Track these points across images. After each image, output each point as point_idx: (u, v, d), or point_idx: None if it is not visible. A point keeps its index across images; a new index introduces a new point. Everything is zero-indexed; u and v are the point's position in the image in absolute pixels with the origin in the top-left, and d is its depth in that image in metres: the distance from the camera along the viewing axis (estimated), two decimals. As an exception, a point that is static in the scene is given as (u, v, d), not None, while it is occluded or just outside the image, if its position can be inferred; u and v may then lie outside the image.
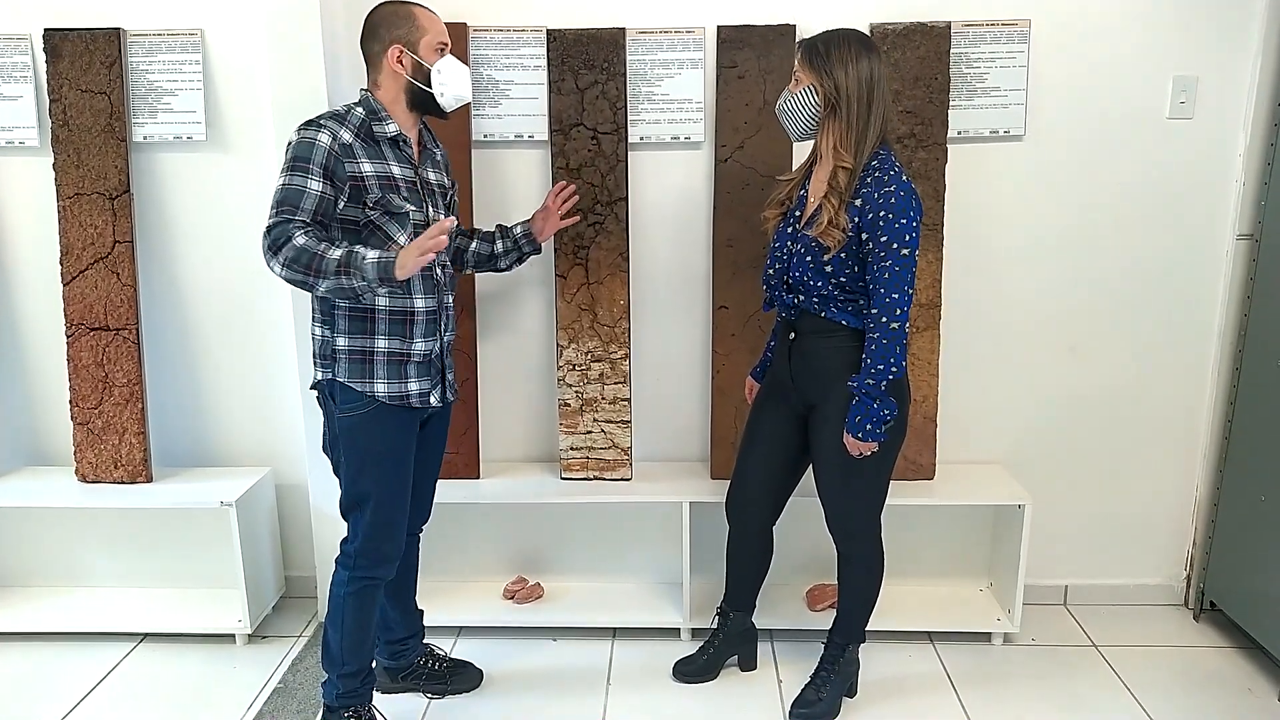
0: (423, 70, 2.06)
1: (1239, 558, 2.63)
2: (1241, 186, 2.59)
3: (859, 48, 2.03)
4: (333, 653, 2.18)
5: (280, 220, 1.92)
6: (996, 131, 2.59)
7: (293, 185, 1.95)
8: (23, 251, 2.73)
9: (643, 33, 2.56)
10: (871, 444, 2.08)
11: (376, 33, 2.06)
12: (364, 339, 2.06)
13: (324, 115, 2.04)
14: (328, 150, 1.96)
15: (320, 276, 1.90)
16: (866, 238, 2.02)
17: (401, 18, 2.05)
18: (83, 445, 2.71)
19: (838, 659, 2.36)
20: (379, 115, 2.06)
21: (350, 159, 1.99)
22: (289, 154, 1.98)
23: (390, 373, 2.08)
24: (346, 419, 2.08)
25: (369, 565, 2.14)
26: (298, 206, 1.94)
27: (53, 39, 2.55)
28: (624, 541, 2.86)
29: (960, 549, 2.84)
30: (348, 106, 2.07)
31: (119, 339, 2.65)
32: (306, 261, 1.89)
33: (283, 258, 1.90)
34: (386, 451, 2.12)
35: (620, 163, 2.58)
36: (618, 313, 2.65)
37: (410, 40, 2.05)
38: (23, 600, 2.83)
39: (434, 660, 2.49)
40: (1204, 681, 2.52)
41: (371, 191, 2.01)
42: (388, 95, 2.07)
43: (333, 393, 2.09)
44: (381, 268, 1.91)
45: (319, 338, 2.10)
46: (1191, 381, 2.75)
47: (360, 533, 2.13)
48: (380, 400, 2.07)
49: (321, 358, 2.10)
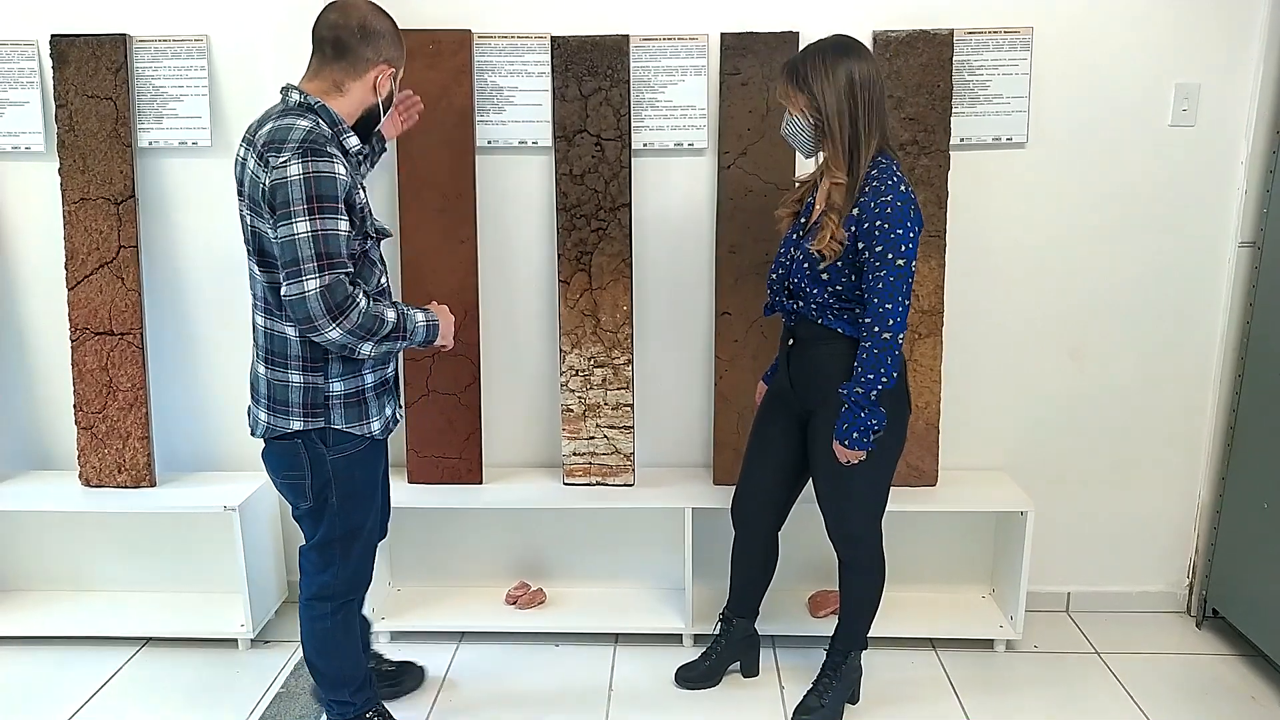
0: (389, 101, 1.97)
1: (1242, 565, 2.63)
2: (1243, 194, 2.60)
3: (834, 58, 2.01)
4: (333, 680, 2.16)
5: (336, 280, 1.75)
6: (999, 139, 2.60)
7: (326, 231, 1.74)
8: (28, 256, 2.74)
9: (646, 40, 2.57)
10: (859, 453, 2.08)
11: (375, 42, 1.88)
12: (356, 379, 1.95)
13: (318, 139, 1.79)
14: (346, 182, 1.80)
15: (372, 340, 1.82)
16: (862, 246, 2.02)
17: (396, 39, 1.93)
18: (86, 450, 2.71)
19: (840, 665, 2.36)
20: (342, 128, 1.87)
21: (355, 188, 1.85)
22: (306, 191, 1.73)
23: (379, 407, 2.01)
24: (340, 460, 1.97)
25: (349, 590, 2.12)
26: (341, 255, 1.76)
27: (59, 45, 2.56)
28: (626, 547, 2.87)
29: (962, 555, 2.84)
30: (313, 119, 1.82)
31: (123, 344, 2.66)
32: (370, 327, 1.79)
33: (349, 324, 1.76)
34: (375, 482, 2.09)
35: (623, 169, 2.59)
36: (620, 318, 2.66)
37: (398, 68, 1.96)
38: (26, 604, 2.83)
39: (380, 662, 2.47)
40: (1206, 689, 2.52)
41: (369, 220, 1.90)
42: (346, 106, 1.89)
43: (323, 439, 1.95)
44: (431, 330, 1.91)
45: (300, 385, 1.91)
46: (1194, 388, 2.75)
47: (339, 565, 2.07)
48: (374, 437, 2.02)
49: (309, 407, 1.92)
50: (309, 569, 2.09)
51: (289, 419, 1.93)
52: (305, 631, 2.13)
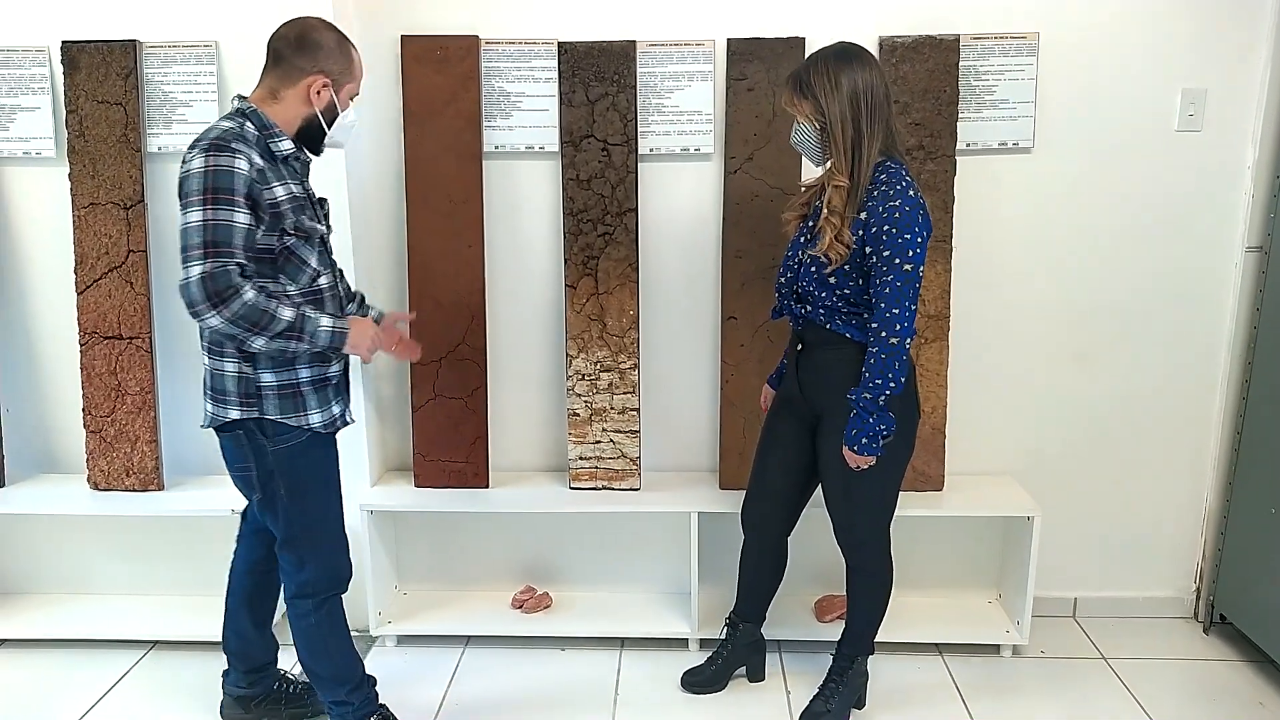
0: (333, 112, 1.99)
1: (1249, 570, 2.62)
2: (1250, 199, 2.59)
3: (837, 65, 2.01)
4: (328, 680, 2.18)
5: (219, 268, 1.80)
6: (1005, 144, 2.60)
7: (219, 221, 1.80)
8: (38, 261, 2.76)
9: (653, 45, 2.58)
10: (868, 458, 2.08)
11: (312, 53, 1.94)
12: (288, 372, 1.98)
13: (227, 136, 1.86)
14: (247, 178, 1.84)
15: (263, 334, 1.86)
16: (870, 251, 2.02)
17: (340, 54, 1.97)
18: (95, 453, 2.72)
19: (846, 670, 2.36)
20: (272, 132, 1.93)
21: (265, 184, 1.88)
22: (203, 183, 1.81)
23: (319, 401, 2.03)
24: (285, 451, 2.01)
25: (329, 585, 2.13)
26: (231, 245, 1.81)
27: (70, 51, 2.58)
28: (632, 551, 2.87)
29: (969, 560, 2.84)
30: (238, 122, 1.91)
31: (132, 348, 2.67)
32: (255, 319, 1.83)
33: (229, 313, 1.81)
34: (327, 475, 2.11)
35: (630, 174, 2.60)
36: (627, 323, 2.66)
37: (338, 80, 1.97)
38: (34, 607, 2.85)
39: (288, 684, 2.42)
40: (1214, 695, 2.51)
41: (287, 217, 1.91)
42: (283, 114, 1.95)
43: (261, 429, 1.99)
44: (336, 336, 1.93)
45: (233, 375, 1.96)
46: (1201, 393, 2.74)
47: (312, 560, 2.09)
48: (314, 430, 2.03)
49: (243, 396, 1.97)
50: (287, 569, 2.13)
51: (227, 408, 1.99)
52: (294, 633, 2.17)
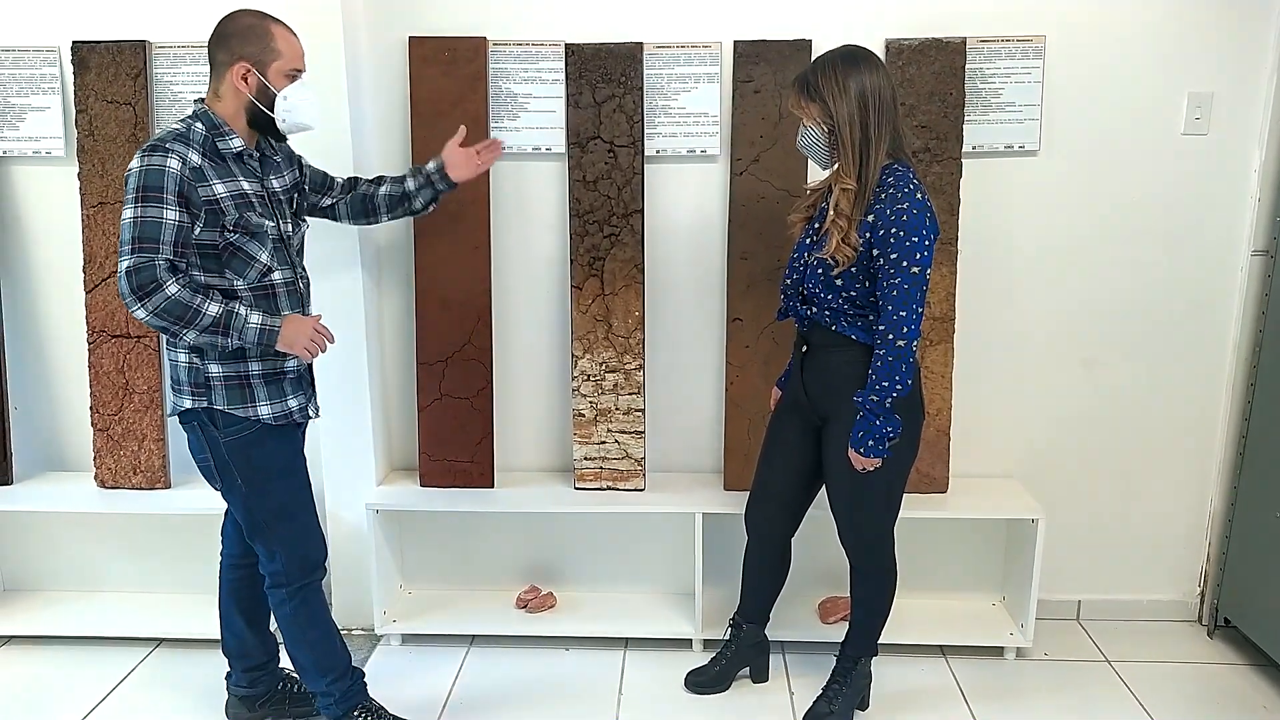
0: (268, 94, 1.98)
1: (1254, 574, 2.62)
2: (1256, 202, 2.59)
3: (846, 69, 2.02)
4: (310, 670, 2.19)
5: (145, 262, 1.84)
6: (1011, 146, 2.60)
7: (148, 218, 1.85)
8: (47, 259, 2.77)
9: (660, 47, 2.58)
10: (875, 460, 2.08)
11: (226, 43, 1.96)
12: (237, 363, 2.01)
13: (166, 137, 1.92)
14: (179, 176, 1.88)
15: (191, 328, 1.89)
16: (877, 253, 2.02)
17: (256, 35, 1.96)
18: (102, 451, 2.74)
19: (850, 672, 2.36)
20: (221, 130, 1.97)
21: (202, 182, 1.91)
22: (136, 182, 1.87)
23: (271, 393, 2.05)
24: (235, 442, 2.04)
25: (300, 574, 2.14)
26: (158, 241, 1.85)
27: (80, 51, 2.60)
28: (637, 552, 2.87)
29: (973, 563, 2.84)
30: (186, 123, 1.96)
31: (140, 346, 2.68)
32: (179, 314, 1.87)
33: (152, 305, 1.85)
34: (282, 466, 2.11)
35: (636, 176, 2.61)
36: (632, 324, 2.67)
37: (261, 60, 1.96)
38: (41, 604, 2.86)
39: (292, 683, 2.43)
40: (1218, 699, 2.51)
41: (228, 213, 1.94)
42: (227, 109, 1.98)
43: (212, 420, 2.02)
44: (265, 334, 1.94)
45: (185, 365, 2.01)
46: (1206, 396, 2.74)
47: (279, 549, 2.11)
48: (265, 422, 2.04)
49: (194, 386, 2.01)
50: (261, 560, 2.16)
51: (181, 397, 2.04)
52: (276, 621, 2.20)
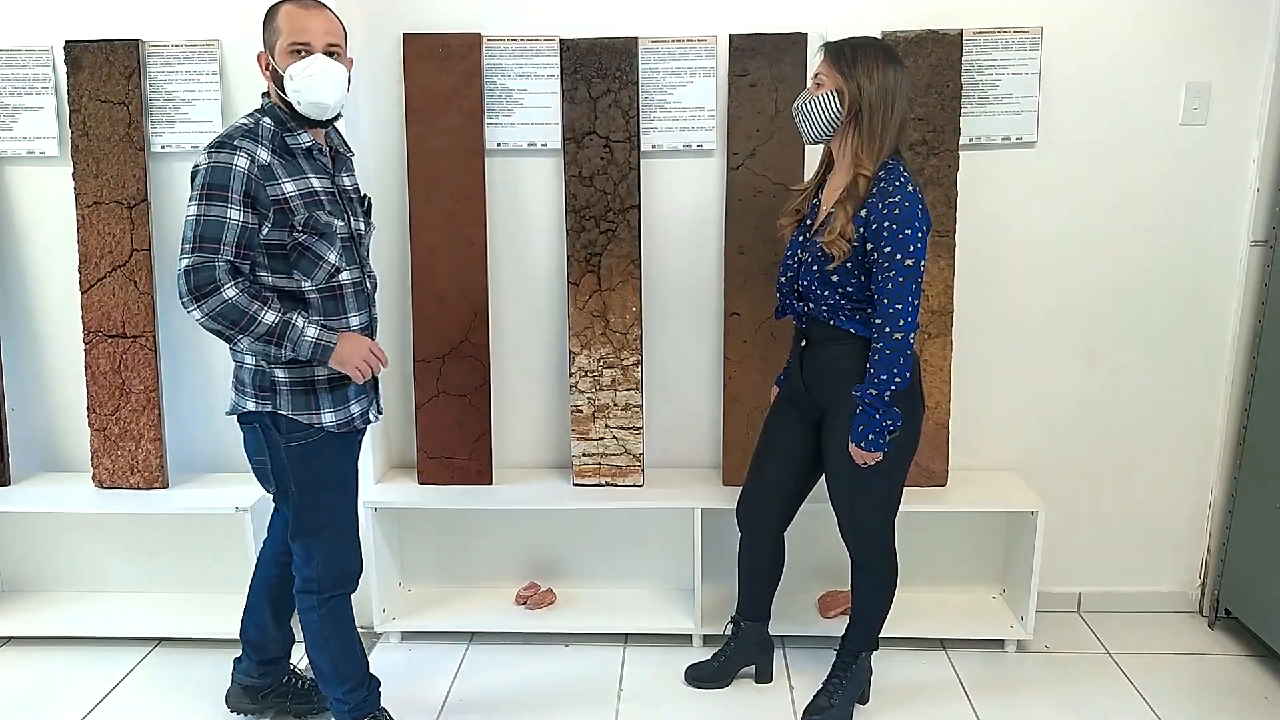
0: (280, 78, 1.91)
1: (1254, 565, 2.62)
2: (1255, 193, 2.59)
3: (885, 58, 2.03)
4: (328, 676, 2.18)
5: (204, 263, 1.81)
6: (1008, 138, 2.60)
7: (211, 217, 1.82)
8: (42, 260, 2.76)
9: (655, 41, 2.57)
10: (875, 454, 2.08)
11: (262, 37, 1.96)
12: (304, 368, 1.97)
13: (235, 133, 1.89)
14: (246, 175, 1.84)
15: (245, 334, 1.86)
16: (871, 248, 2.02)
17: (268, 20, 1.93)
18: (100, 451, 2.73)
19: (850, 666, 2.36)
20: (288, 125, 1.93)
21: (271, 181, 1.87)
22: (202, 180, 1.84)
23: (335, 400, 2.02)
24: (296, 449, 2.01)
25: (334, 585, 2.13)
26: (219, 241, 1.82)
27: (73, 50, 2.59)
28: (636, 547, 2.87)
29: (973, 556, 2.83)
30: (255, 118, 1.93)
31: (136, 346, 2.68)
32: (234, 319, 1.84)
33: (208, 307, 1.82)
34: (340, 475, 2.10)
35: (632, 171, 2.60)
36: (630, 319, 2.66)
37: (270, 44, 1.92)
38: (39, 605, 2.85)
39: (299, 679, 2.43)
40: (1219, 690, 2.51)
41: (297, 213, 1.90)
42: (279, 103, 1.95)
43: (275, 424, 2.00)
44: (320, 350, 1.91)
45: (250, 367, 1.99)
46: (1205, 388, 2.74)
47: (319, 557, 2.10)
48: (328, 430, 2.03)
49: (258, 389, 1.99)
50: (297, 562, 2.14)
51: (245, 398, 2.02)
52: (301, 624, 2.18)
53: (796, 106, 2.13)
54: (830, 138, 2.11)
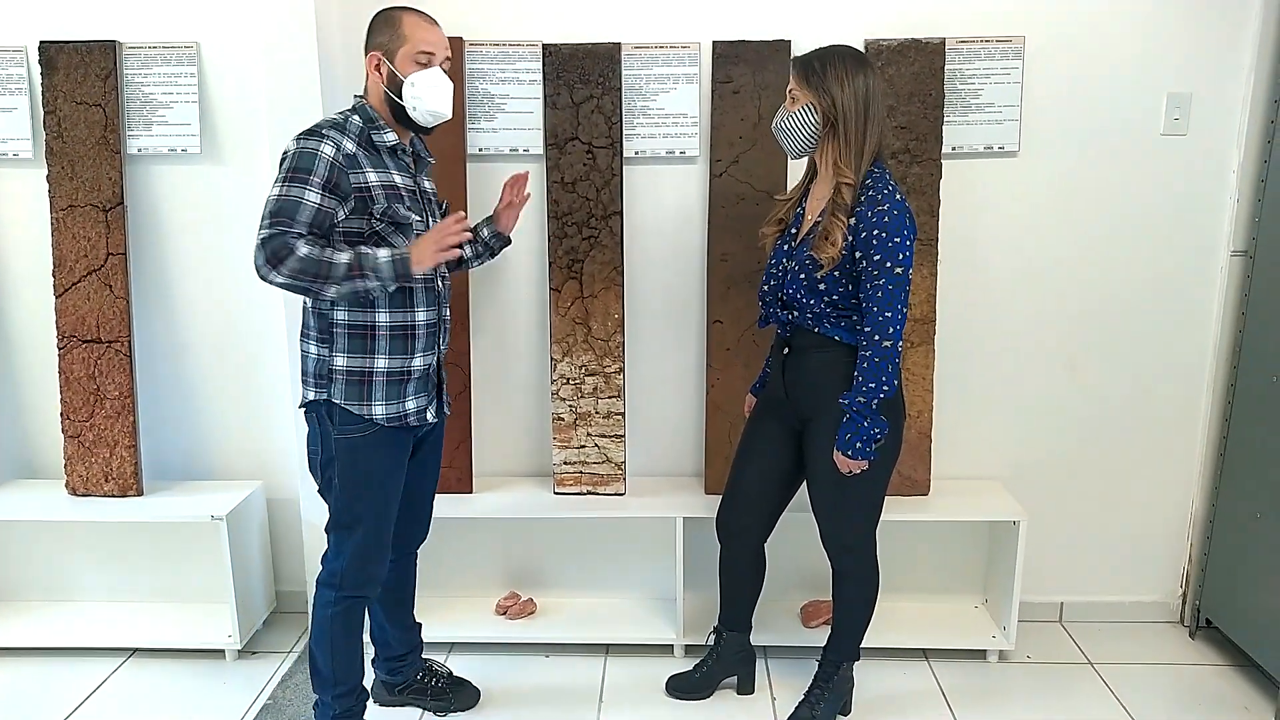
0: (397, 81, 1.99)
1: (1235, 575, 2.62)
2: (1235, 203, 2.60)
3: (854, 64, 2.04)
4: (324, 674, 2.16)
5: (276, 233, 1.86)
6: (991, 147, 2.60)
7: (289, 196, 1.88)
8: (15, 263, 2.73)
9: (638, 48, 2.56)
10: (861, 462, 2.07)
11: (368, 38, 2.03)
12: (364, 358, 2.02)
13: (324, 124, 1.98)
14: (330, 162, 1.91)
15: (328, 282, 1.88)
16: (860, 256, 2.02)
17: (387, 24, 2.01)
18: (73, 458, 2.69)
19: (832, 676, 2.34)
20: (377, 124, 2.01)
21: (355, 169, 1.94)
22: (288, 163, 1.91)
23: (389, 393, 2.04)
24: (346, 441, 2.04)
25: (356, 585, 2.11)
26: (294, 219, 1.88)
27: (48, 51, 2.55)
28: (617, 557, 2.85)
29: (955, 565, 2.83)
30: (345, 114, 2.02)
31: (111, 351, 2.64)
32: (314, 270, 1.86)
33: (286, 269, 1.85)
34: (383, 474, 2.09)
35: (615, 177, 2.58)
36: (612, 327, 2.65)
37: (389, 49, 1.99)
38: (11, 614, 2.81)
39: (434, 676, 2.46)
40: (1200, 700, 2.51)
41: (378, 202, 1.97)
42: (376, 103, 2.03)
43: (330, 414, 2.04)
44: (399, 264, 1.92)
45: (314, 356, 2.04)
46: (1187, 398, 2.74)
47: (348, 553, 2.10)
48: (379, 423, 2.04)
49: (317, 377, 2.04)
50: (328, 553, 2.14)
51: (307, 388, 2.07)
52: (312, 618, 2.16)
53: (775, 125, 2.14)
54: (813, 150, 2.11)
